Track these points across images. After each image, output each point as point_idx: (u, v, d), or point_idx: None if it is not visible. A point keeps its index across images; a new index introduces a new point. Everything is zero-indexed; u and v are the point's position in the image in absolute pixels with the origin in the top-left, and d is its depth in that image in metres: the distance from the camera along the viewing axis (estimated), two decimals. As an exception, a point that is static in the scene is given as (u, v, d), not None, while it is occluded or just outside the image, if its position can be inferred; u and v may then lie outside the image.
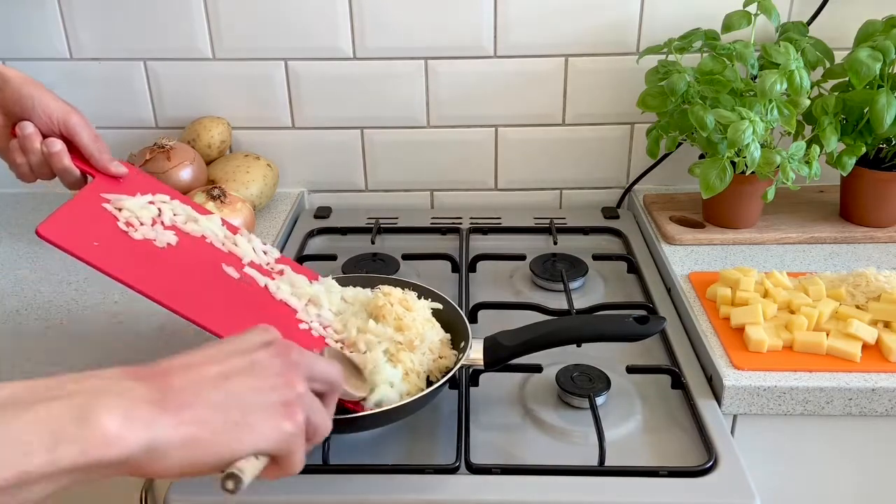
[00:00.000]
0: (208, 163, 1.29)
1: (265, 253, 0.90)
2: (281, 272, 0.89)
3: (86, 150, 0.80)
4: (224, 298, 0.80)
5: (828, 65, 1.16)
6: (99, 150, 0.80)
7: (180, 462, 0.48)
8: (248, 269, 0.86)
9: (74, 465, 0.44)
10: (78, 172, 0.81)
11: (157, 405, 0.48)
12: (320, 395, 0.59)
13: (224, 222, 0.91)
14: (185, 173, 1.19)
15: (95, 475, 0.46)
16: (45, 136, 0.78)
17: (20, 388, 0.46)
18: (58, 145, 0.77)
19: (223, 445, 0.50)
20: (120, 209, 0.82)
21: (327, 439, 0.78)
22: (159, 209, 0.86)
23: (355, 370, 0.78)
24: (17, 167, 0.80)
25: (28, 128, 0.76)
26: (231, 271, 0.84)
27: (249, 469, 0.52)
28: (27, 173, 0.80)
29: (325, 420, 0.57)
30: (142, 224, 0.82)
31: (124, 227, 0.81)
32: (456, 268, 1.17)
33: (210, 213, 0.92)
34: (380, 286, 0.90)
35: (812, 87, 1.10)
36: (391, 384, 0.79)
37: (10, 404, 0.44)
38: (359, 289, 0.93)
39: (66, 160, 0.78)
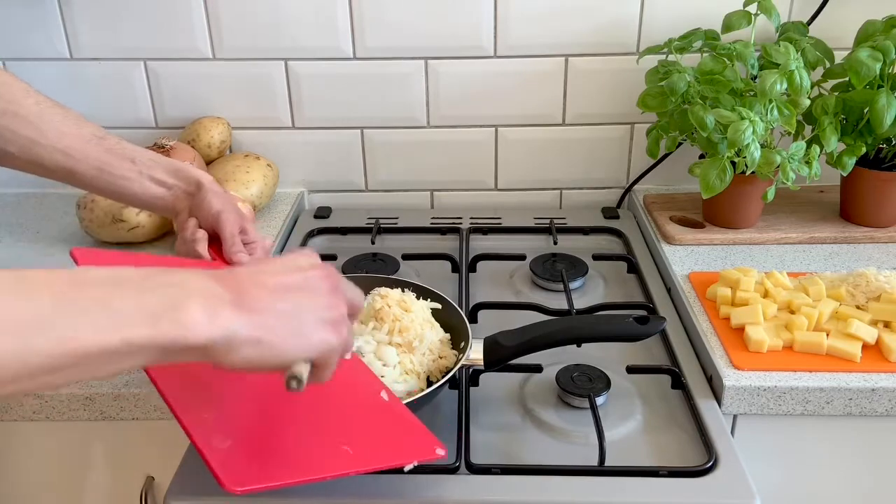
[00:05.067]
0: (208, 163, 1.29)
1: None
2: None
3: (223, 243, 0.88)
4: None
5: (828, 65, 1.16)
6: (231, 244, 0.88)
7: (248, 357, 0.56)
8: None
9: (166, 343, 0.52)
10: (209, 258, 0.88)
11: (236, 306, 0.56)
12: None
13: None
14: (185, 173, 1.19)
15: (180, 356, 0.54)
16: (202, 227, 0.89)
17: (122, 273, 0.54)
18: (199, 235, 0.88)
19: (284, 349, 0.58)
20: None
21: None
22: None
23: None
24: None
25: (190, 222, 0.89)
26: None
27: (305, 373, 0.60)
28: (182, 252, 0.90)
29: (352, 339, 0.66)
30: None
31: None
32: (456, 268, 1.17)
33: None
34: (377, 288, 0.90)
35: (812, 87, 1.10)
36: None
37: (117, 284, 0.53)
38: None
39: (200, 248, 0.87)
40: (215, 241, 0.88)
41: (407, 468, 0.70)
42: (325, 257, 1.20)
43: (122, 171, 0.87)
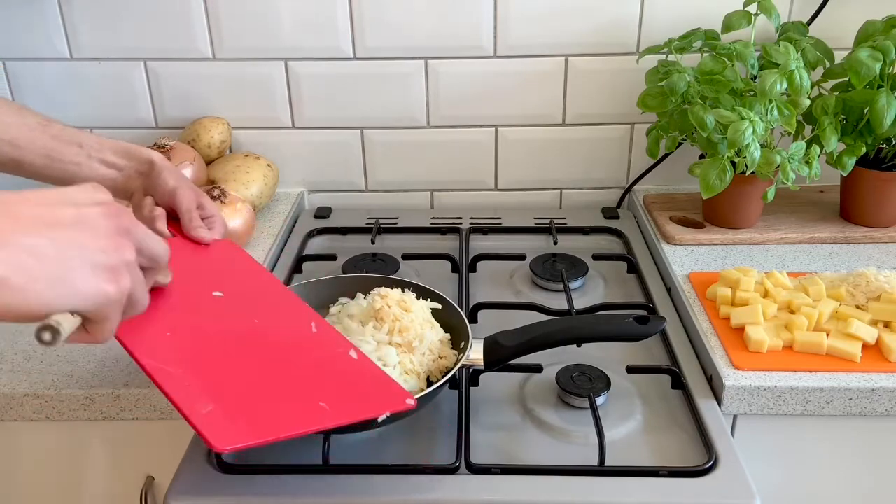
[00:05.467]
0: (208, 163, 1.29)
1: None
2: None
3: (181, 218, 0.88)
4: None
5: (828, 65, 1.16)
6: (189, 219, 0.87)
7: None
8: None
9: None
10: (169, 235, 0.87)
11: None
12: (143, 270, 0.60)
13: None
14: (185, 173, 1.19)
15: None
16: (159, 205, 0.88)
17: None
18: (157, 212, 0.86)
19: (38, 295, 0.49)
20: None
21: (327, 440, 0.79)
22: None
23: None
24: None
25: (147, 200, 0.88)
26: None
27: (67, 324, 0.51)
28: None
29: (144, 294, 0.57)
30: None
31: None
32: (456, 268, 1.17)
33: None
34: (377, 288, 0.90)
35: (812, 87, 1.10)
36: None
37: None
38: (359, 297, 0.93)
39: (160, 225, 0.86)
40: (173, 217, 0.88)
41: (380, 419, 0.72)
42: (325, 257, 1.20)
43: (71, 156, 0.86)
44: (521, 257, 1.19)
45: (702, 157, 1.19)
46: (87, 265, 0.51)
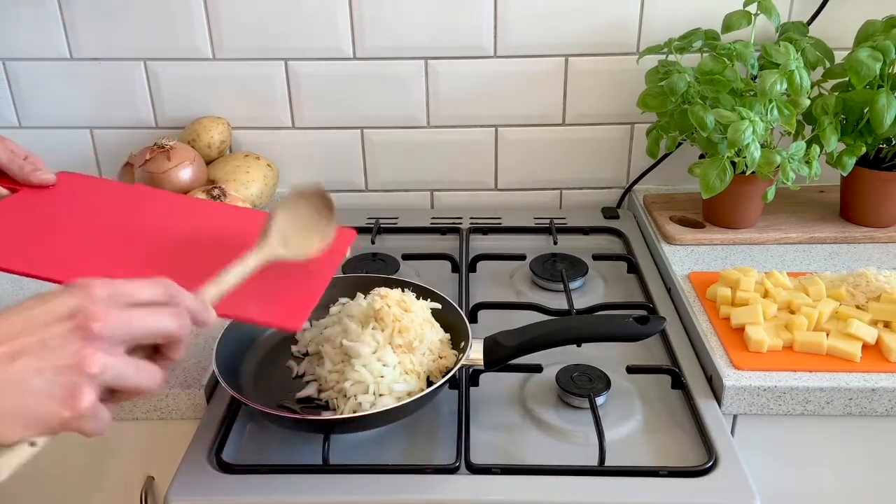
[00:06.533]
0: (208, 163, 1.29)
1: None
2: None
3: (7, 169, 0.83)
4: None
5: (828, 65, 1.16)
6: (19, 166, 0.82)
7: None
8: None
9: None
10: (6, 192, 0.83)
11: None
12: (160, 347, 0.58)
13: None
14: (186, 173, 1.19)
15: None
16: None
17: None
18: None
19: None
20: None
21: (327, 439, 0.79)
22: None
23: (308, 225, 0.82)
24: None
25: None
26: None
27: (7, 461, 0.51)
28: None
29: (140, 380, 0.55)
30: None
31: None
32: (456, 268, 1.17)
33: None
34: (377, 288, 0.90)
35: (812, 87, 1.10)
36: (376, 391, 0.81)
37: None
38: (359, 297, 0.93)
39: None
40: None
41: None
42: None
43: None
44: (521, 257, 1.19)
45: (702, 157, 1.19)
46: (41, 392, 0.51)
